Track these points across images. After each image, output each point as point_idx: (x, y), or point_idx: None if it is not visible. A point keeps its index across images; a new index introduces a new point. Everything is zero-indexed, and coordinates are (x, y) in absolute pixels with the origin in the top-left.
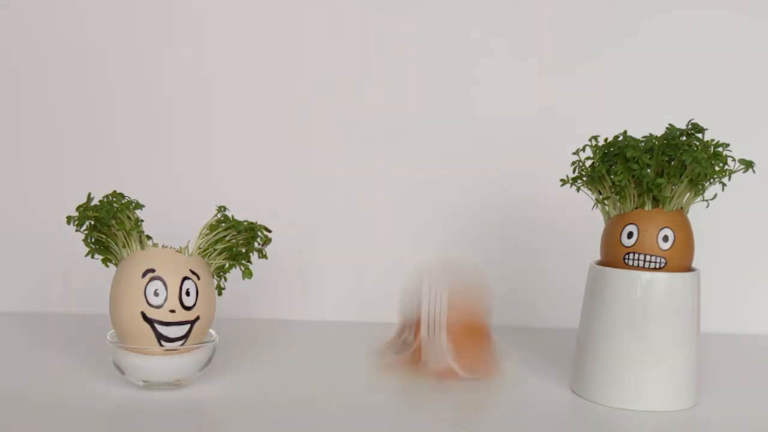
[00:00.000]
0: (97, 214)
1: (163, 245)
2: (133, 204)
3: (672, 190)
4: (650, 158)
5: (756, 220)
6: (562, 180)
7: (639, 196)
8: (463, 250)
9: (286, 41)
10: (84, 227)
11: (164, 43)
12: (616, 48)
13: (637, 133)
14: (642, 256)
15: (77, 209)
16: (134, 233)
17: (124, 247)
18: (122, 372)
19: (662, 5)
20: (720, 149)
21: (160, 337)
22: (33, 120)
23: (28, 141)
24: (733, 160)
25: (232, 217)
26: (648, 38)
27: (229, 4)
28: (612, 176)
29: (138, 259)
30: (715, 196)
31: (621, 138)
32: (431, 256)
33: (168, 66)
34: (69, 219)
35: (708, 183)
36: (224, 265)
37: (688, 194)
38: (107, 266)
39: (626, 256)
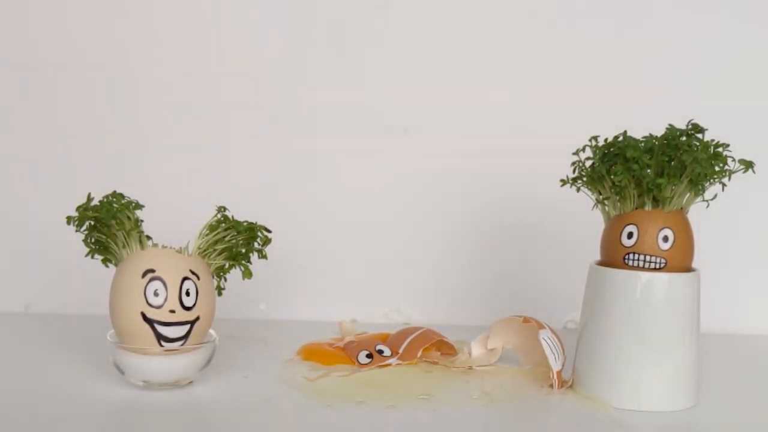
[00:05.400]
0: (97, 215)
1: (163, 245)
2: (133, 204)
3: (672, 190)
4: (650, 158)
5: (756, 221)
6: (562, 180)
7: (639, 196)
8: (463, 250)
9: (286, 39)
10: (84, 227)
11: (165, 43)
12: (615, 47)
13: (637, 133)
14: (642, 257)
15: (77, 209)
16: (134, 233)
17: (124, 247)
18: (122, 372)
19: (662, 4)
20: (720, 149)
21: (160, 338)
22: (33, 120)
23: (27, 141)
24: (733, 160)
25: (232, 217)
26: (648, 37)
27: (231, 6)
28: (612, 176)
29: (138, 260)
30: (715, 196)
31: (621, 138)
32: (431, 256)
33: (168, 66)
34: (69, 219)
35: (708, 183)
36: (224, 265)
37: (688, 194)
38: (107, 266)
39: (626, 257)
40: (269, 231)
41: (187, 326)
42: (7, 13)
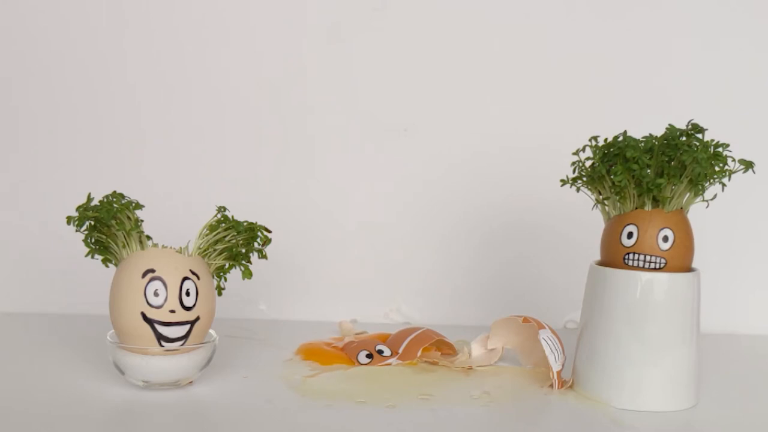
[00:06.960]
0: (97, 215)
1: (163, 245)
2: (133, 204)
3: (672, 190)
4: (650, 158)
5: (756, 221)
6: (562, 180)
7: (639, 196)
8: (463, 250)
9: (287, 42)
10: (84, 227)
11: (165, 43)
12: (615, 48)
13: (637, 133)
14: (642, 257)
15: (77, 209)
16: (134, 233)
17: (124, 247)
18: (122, 372)
19: (663, 5)
20: (720, 149)
21: (160, 338)
22: (33, 119)
23: (27, 141)
24: (733, 160)
25: (232, 217)
26: (647, 38)
27: (230, 7)
28: (612, 176)
29: (138, 260)
30: (715, 196)
31: (621, 138)
32: (431, 256)
33: (169, 65)
34: (69, 219)
35: (708, 183)
36: (224, 265)
37: (688, 194)
38: (107, 266)
39: (626, 257)
40: (269, 231)
41: (187, 326)
42: (8, 14)
